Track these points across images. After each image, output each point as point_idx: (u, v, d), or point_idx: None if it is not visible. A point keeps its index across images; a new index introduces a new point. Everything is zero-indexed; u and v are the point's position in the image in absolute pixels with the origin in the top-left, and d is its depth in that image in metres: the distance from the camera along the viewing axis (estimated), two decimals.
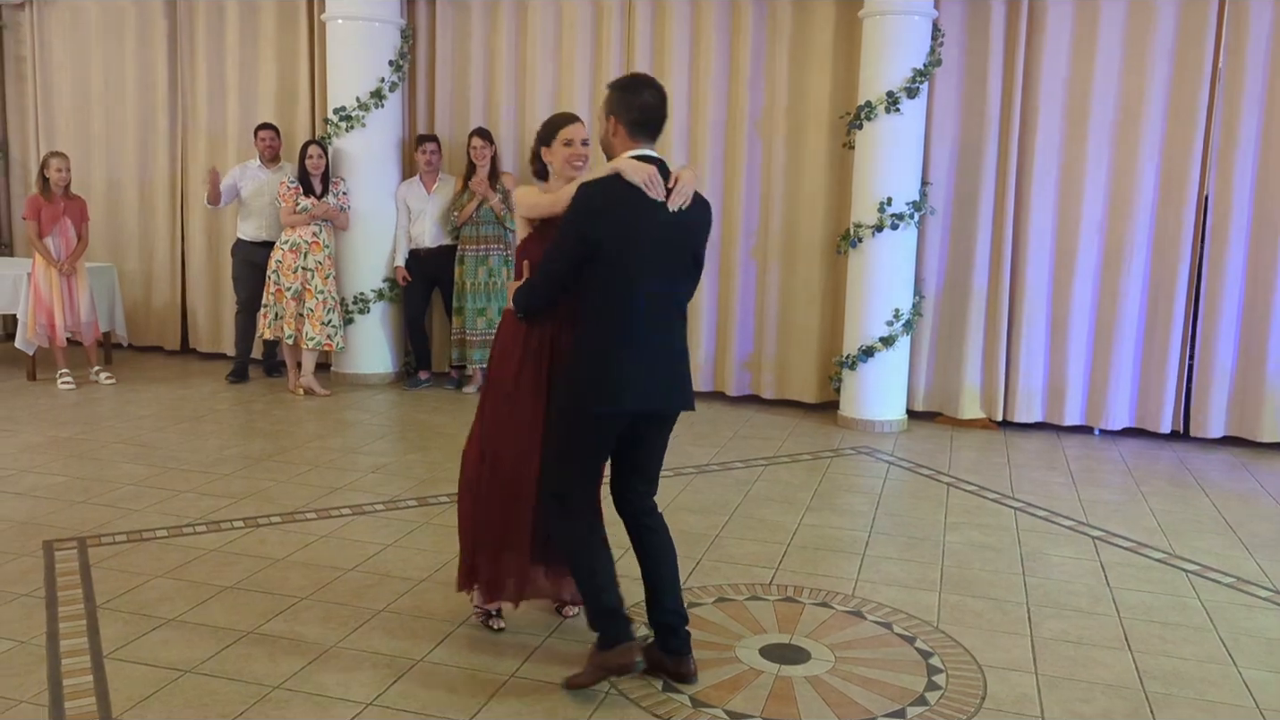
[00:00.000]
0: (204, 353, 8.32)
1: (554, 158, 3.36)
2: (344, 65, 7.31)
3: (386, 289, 7.48)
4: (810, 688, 3.19)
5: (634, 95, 3.06)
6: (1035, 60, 6.44)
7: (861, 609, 3.80)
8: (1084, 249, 6.50)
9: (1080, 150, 6.43)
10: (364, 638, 3.42)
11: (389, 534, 4.42)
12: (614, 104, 3.08)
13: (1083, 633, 3.65)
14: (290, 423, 6.35)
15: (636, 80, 3.13)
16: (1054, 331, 6.63)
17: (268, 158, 7.32)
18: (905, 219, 6.43)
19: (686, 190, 3.06)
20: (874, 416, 6.62)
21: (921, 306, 6.77)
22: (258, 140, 7.31)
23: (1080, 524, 4.89)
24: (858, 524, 4.78)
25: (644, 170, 2.99)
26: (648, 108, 3.06)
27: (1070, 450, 6.29)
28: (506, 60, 7.44)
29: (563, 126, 3.35)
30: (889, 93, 6.30)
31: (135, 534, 4.32)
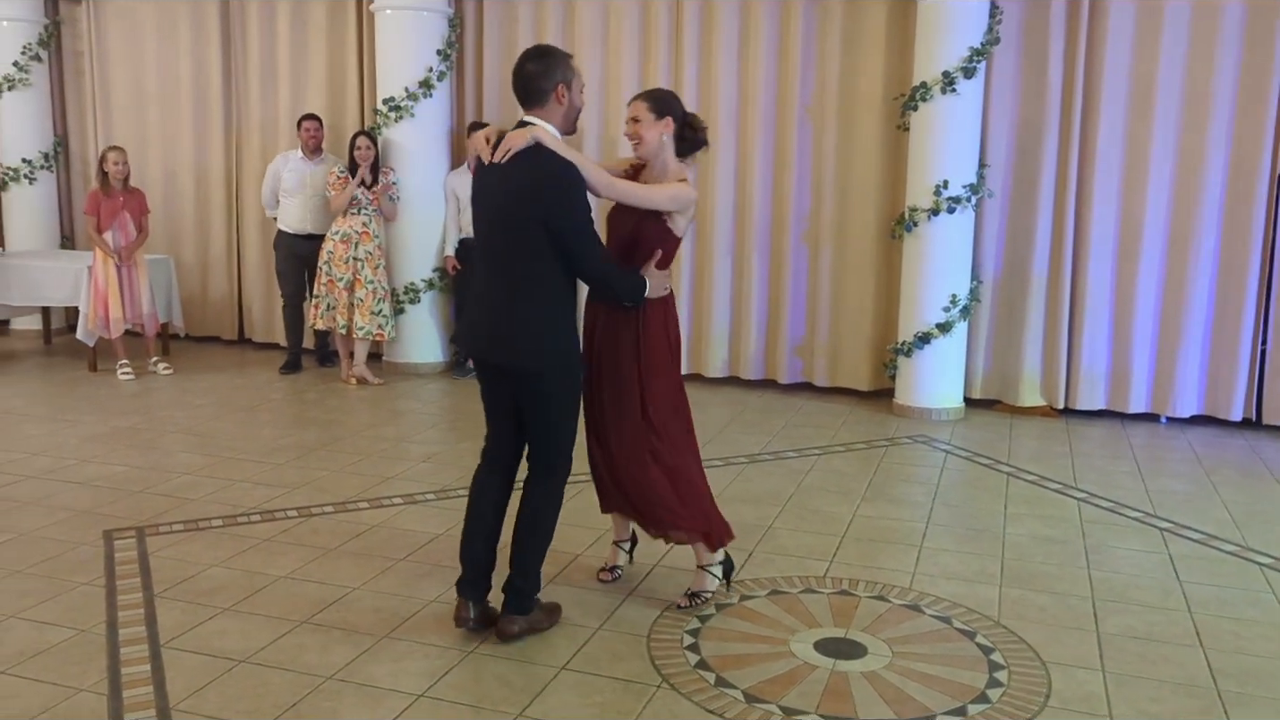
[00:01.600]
0: (259, 343, 8.42)
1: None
2: (392, 55, 7.32)
3: (436, 278, 7.50)
4: (867, 684, 3.11)
5: (515, 70, 3.24)
6: (1098, 37, 6.24)
7: (919, 603, 3.71)
8: (1149, 232, 6.30)
9: (1145, 131, 6.22)
10: (415, 629, 3.41)
11: (440, 523, 4.42)
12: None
13: (1151, 629, 3.53)
14: (343, 412, 6.39)
15: (522, 56, 3.27)
16: (1118, 316, 6.44)
17: (310, 148, 7.34)
18: (962, 202, 6.27)
19: (507, 144, 3.13)
20: (930, 404, 6.49)
21: (979, 291, 6.62)
22: (301, 131, 7.32)
23: (1148, 515, 4.74)
24: (915, 515, 4.68)
25: (479, 134, 3.28)
26: (519, 81, 3.23)
27: (1135, 439, 6.11)
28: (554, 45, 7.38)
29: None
30: (945, 73, 6.14)
31: (192, 523, 4.37)
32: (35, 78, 8.46)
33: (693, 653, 3.29)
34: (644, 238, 3.45)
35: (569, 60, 3.26)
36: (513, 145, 3.12)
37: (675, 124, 3.52)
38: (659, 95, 3.60)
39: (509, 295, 3.20)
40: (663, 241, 3.46)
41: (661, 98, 3.57)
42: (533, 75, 3.19)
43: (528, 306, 3.19)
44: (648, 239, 3.44)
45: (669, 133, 3.51)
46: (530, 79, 3.19)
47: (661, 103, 3.52)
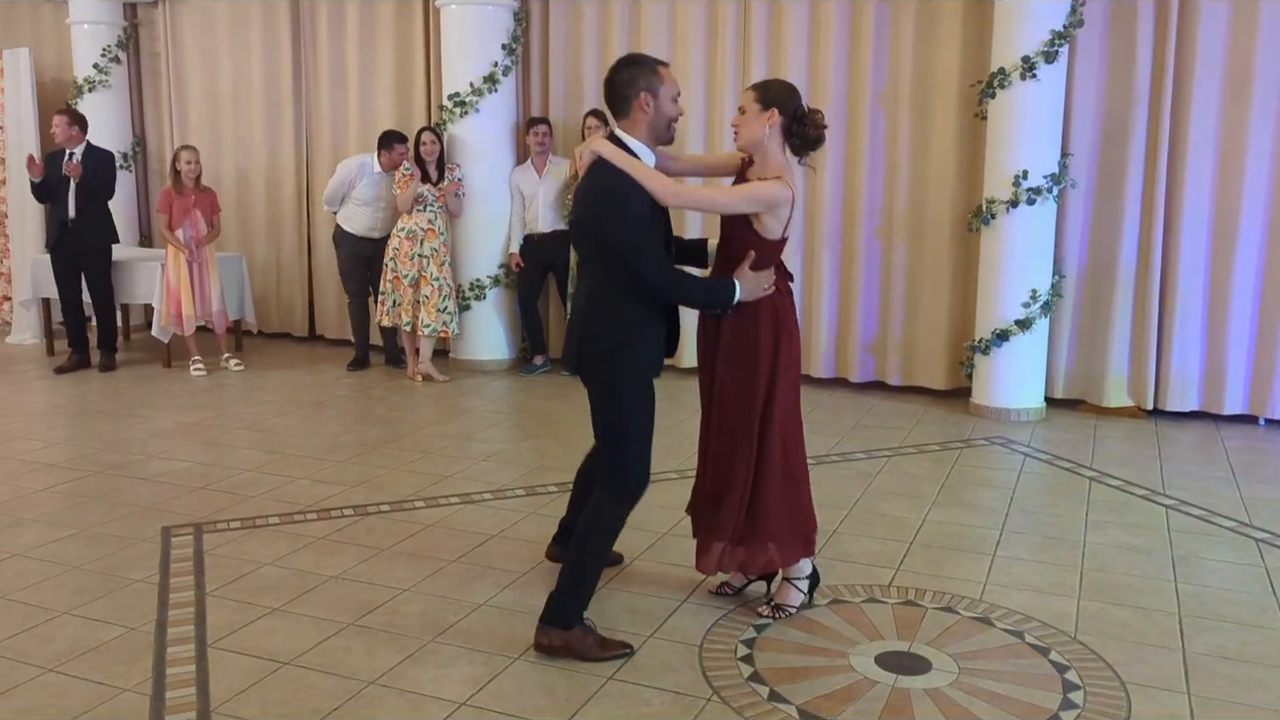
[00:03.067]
0: (330, 339, 8.49)
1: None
2: (458, 50, 7.29)
3: (502, 275, 7.45)
4: (930, 702, 2.93)
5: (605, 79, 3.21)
6: (1190, 18, 5.89)
7: (990, 615, 3.51)
8: (1246, 225, 5.93)
9: (1242, 118, 5.86)
10: (462, 633, 3.33)
11: (494, 524, 4.34)
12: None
13: (1243, 649, 3.28)
14: (406, 409, 6.38)
15: (611, 67, 3.21)
16: (1212, 313, 6.09)
17: (398, 167, 7.27)
18: (1043, 193, 5.99)
19: (582, 164, 3.16)
20: (1009, 404, 6.22)
21: (1061, 287, 6.32)
22: (394, 152, 7.19)
23: (1242, 525, 4.44)
24: (989, 521, 4.46)
25: (581, 149, 3.23)
26: (606, 93, 3.21)
27: (1231, 442, 5.76)
28: (619, 40, 7.29)
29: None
30: (1025, 58, 5.86)
31: (249, 520, 4.36)
32: (114, 79, 8.66)
33: (746, 664, 3.15)
34: (733, 240, 3.32)
35: (657, 68, 3.16)
36: (582, 161, 3.16)
37: (783, 117, 3.30)
38: (770, 86, 3.38)
39: (586, 304, 3.21)
40: (754, 244, 3.28)
41: (771, 88, 3.35)
42: (617, 85, 3.16)
43: (595, 313, 3.17)
44: (737, 241, 3.31)
45: (774, 125, 3.30)
46: (615, 89, 3.17)
47: (770, 93, 3.32)
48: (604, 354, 3.16)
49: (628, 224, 3.06)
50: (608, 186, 3.07)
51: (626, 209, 3.05)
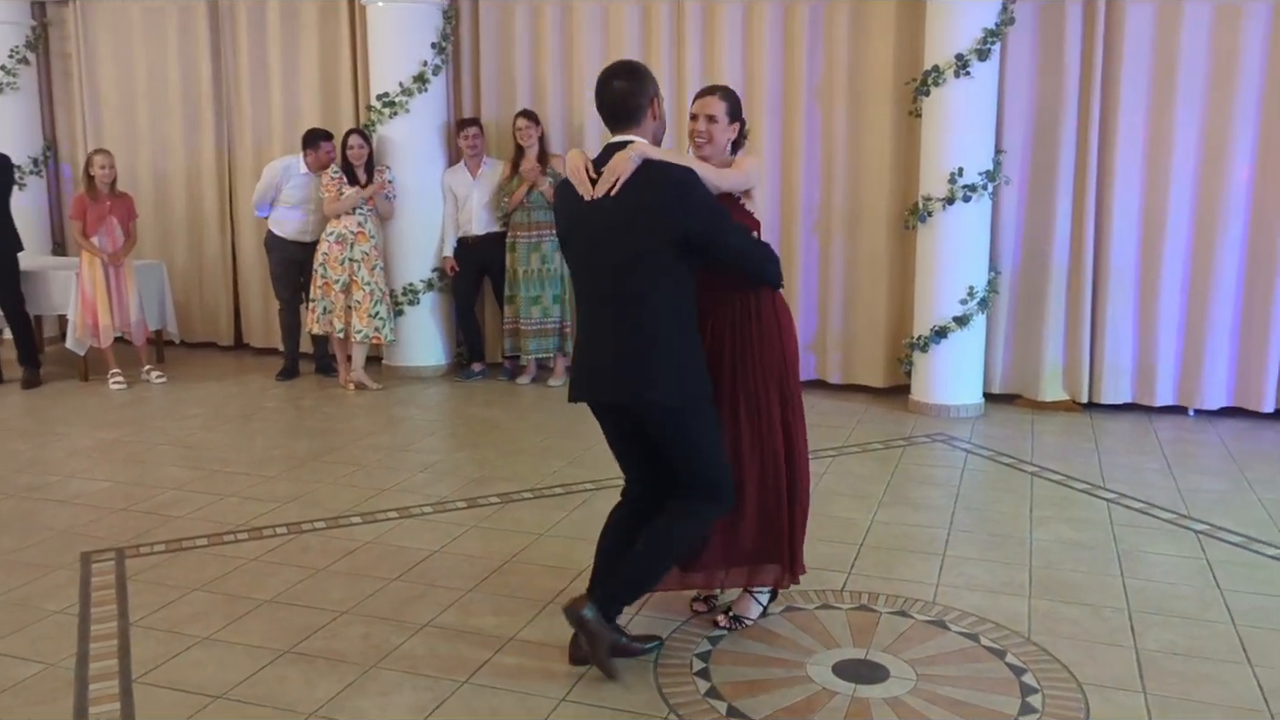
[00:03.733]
0: (257, 348, 8.22)
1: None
2: (386, 49, 7.09)
3: (436, 279, 7.28)
4: (890, 711, 2.88)
5: (600, 89, 3.03)
6: (1117, 15, 5.96)
7: (944, 618, 3.48)
8: (1174, 218, 6.03)
9: (1168, 111, 5.95)
10: (405, 657, 3.19)
11: (435, 539, 4.20)
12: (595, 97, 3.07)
13: (1193, 643, 3.29)
14: (339, 420, 6.18)
15: (607, 72, 3.05)
16: (1143, 306, 6.18)
17: (326, 166, 7.07)
18: (978, 190, 6.02)
19: (613, 173, 2.91)
20: (948, 401, 6.24)
21: (997, 283, 6.36)
22: (320, 151, 7.01)
23: (1181, 517, 4.49)
24: (936, 520, 4.44)
25: (573, 163, 3.03)
26: (610, 100, 3.01)
27: (1163, 433, 5.85)
28: (552, 38, 7.17)
29: (696, 99, 3.31)
30: (958, 55, 5.88)
31: (175, 543, 4.16)
32: (23, 81, 8.28)
33: (703, 679, 3.06)
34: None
35: (650, 73, 3.08)
36: (621, 173, 2.89)
37: (740, 128, 3.32)
38: (734, 96, 3.32)
39: (627, 333, 2.97)
40: (749, 225, 3.25)
41: (736, 99, 3.32)
42: (625, 94, 2.98)
43: (651, 338, 2.96)
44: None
45: (733, 137, 3.30)
46: (622, 98, 2.98)
47: (737, 105, 3.29)
48: (672, 396, 2.97)
49: (708, 205, 2.97)
50: (678, 177, 2.91)
51: (702, 191, 2.95)
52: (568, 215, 3.09)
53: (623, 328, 2.97)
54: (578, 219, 3.02)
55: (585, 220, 2.99)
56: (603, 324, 3.01)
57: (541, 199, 6.83)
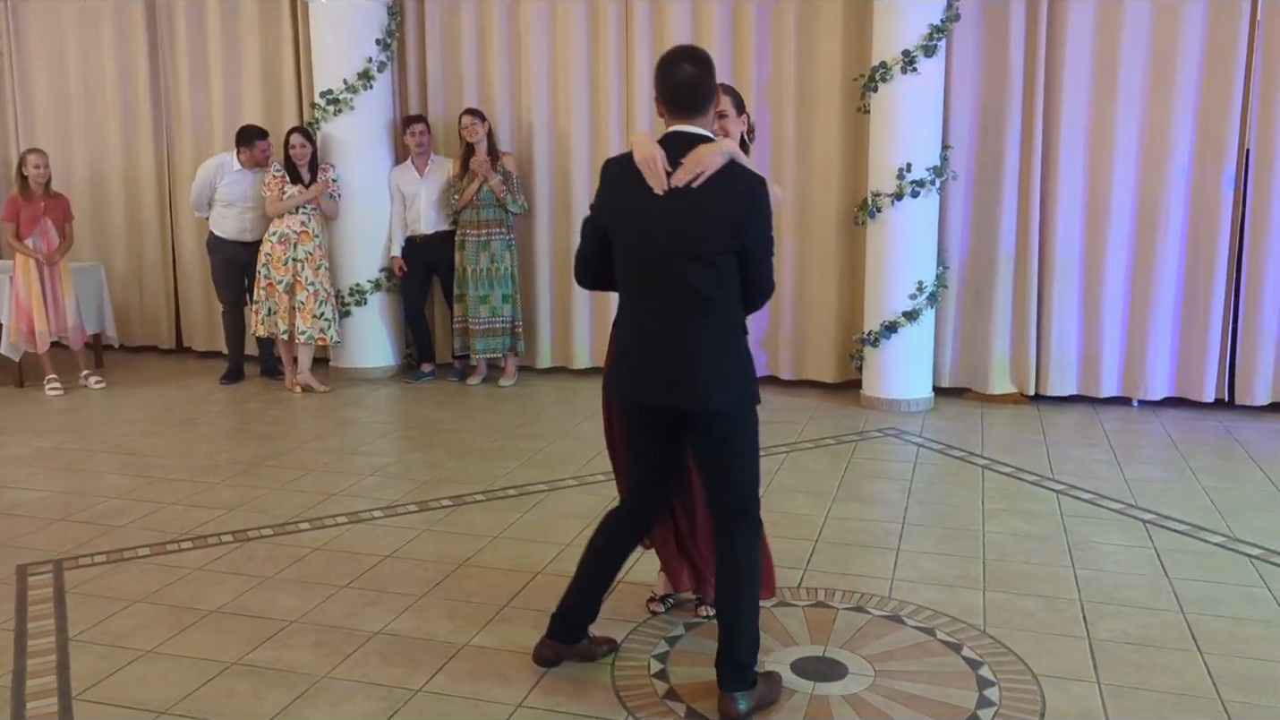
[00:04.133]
0: (200, 351, 8.05)
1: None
2: (329, 46, 6.98)
3: (383, 279, 7.17)
4: (850, 709, 2.87)
5: (667, 71, 2.81)
6: (1060, 11, 6.05)
7: (900, 612, 3.48)
8: (1117, 211, 6.13)
9: (1110, 106, 6.05)
10: (358, 665, 3.12)
11: (386, 544, 4.12)
12: (655, 81, 2.86)
13: (1145, 632, 3.33)
14: (286, 424, 6.06)
15: (674, 55, 2.86)
16: (1087, 298, 6.27)
17: (263, 164, 6.95)
18: (926, 186, 6.06)
19: (694, 168, 2.72)
20: (899, 395, 6.28)
21: (946, 278, 6.41)
22: (255, 150, 6.90)
23: (1129, 506, 4.55)
24: (890, 515, 4.46)
25: (646, 150, 2.77)
26: (680, 85, 2.79)
27: (1109, 424, 5.94)
28: (499, 35, 7.09)
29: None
30: (905, 52, 5.92)
31: (115, 553, 4.03)
32: None
33: (661, 680, 3.03)
34: None
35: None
36: (707, 167, 2.71)
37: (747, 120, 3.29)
38: (733, 89, 3.28)
39: (696, 335, 2.78)
40: None
41: (737, 91, 3.27)
42: (697, 80, 2.78)
43: (717, 341, 2.79)
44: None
45: (744, 129, 3.24)
46: (694, 84, 2.77)
47: (739, 97, 3.24)
48: (733, 403, 2.83)
49: (768, 224, 2.82)
50: (755, 185, 2.76)
51: (767, 208, 2.81)
52: (623, 198, 2.81)
53: (689, 328, 2.77)
54: (649, 211, 2.75)
55: (651, 208, 2.75)
56: (660, 321, 2.80)
57: (491, 196, 6.75)
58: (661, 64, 2.84)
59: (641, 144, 2.80)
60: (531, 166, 7.12)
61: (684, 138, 2.79)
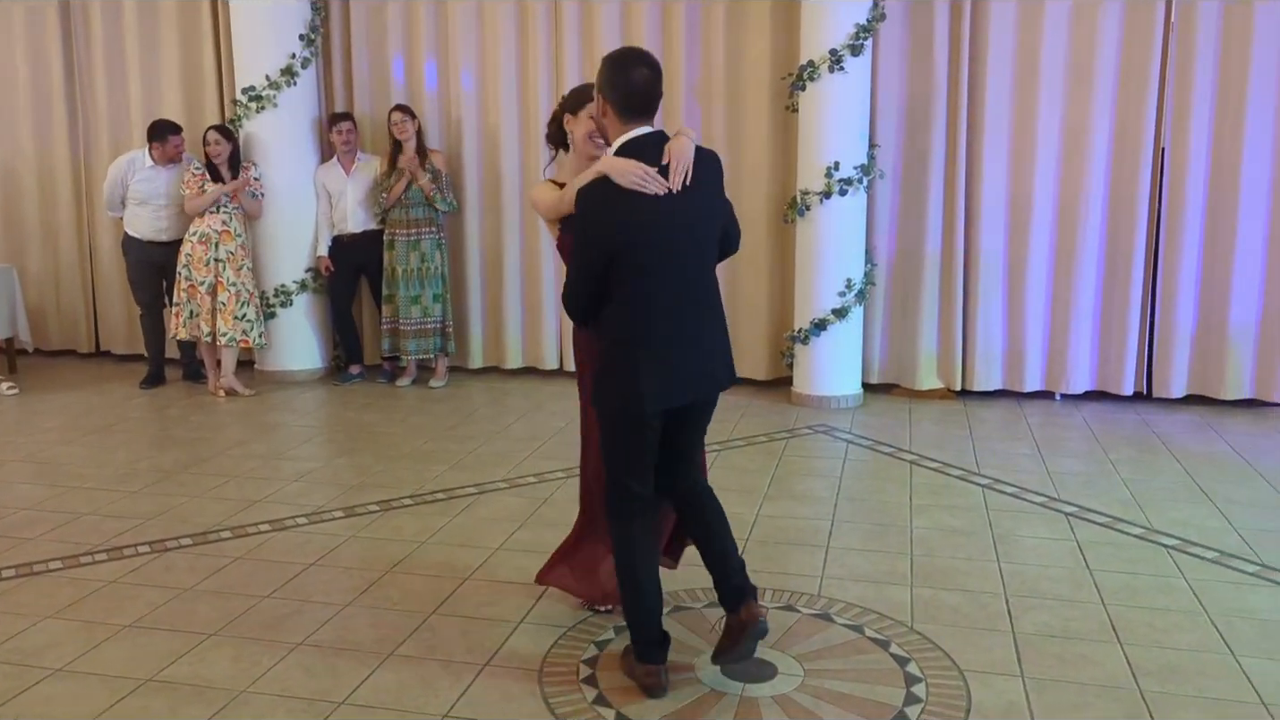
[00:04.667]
0: (120, 355, 7.81)
1: (576, 128, 3.21)
2: (251, 42, 6.82)
3: (309, 279, 7.03)
4: (778, 709, 2.88)
5: (623, 73, 2.82)
6: (983, 12, 6.14)
7: (830, 610, 3.50)
8: (1038, 209, 6.25)
9: (1031, 106, 6.16)
10: (278, 678, 3.04)
11: (311, 552, 4.03)
12: (602, 81, 2.85)
13: (1067, 625, 3.39)
14: (209, 429, 5.90)
15: (626, 56, 2.88)
16: (1011, 295, 6.38)
17: (175, 160, 6.75)
18: (854, 184, 6.12)
19: (684, 161, 2.79)
20: (829, 392, 6.33)
21: (874, 275, 6.48)
22: (167, 145, 6.70)
23: (1052, 499, 4.64)
24: (819, 512, 4.49)
25: (631, 170, 2.75)
26: (637, 88, 2.82)
27: (1032, 418, 6.06)
28: (427, 31, 6.99)
29: (591, 100, 3.10)
30: (832, 50, 5.96)
31: (25, 567, 3.89)
32: None
33: (590, 686, 3.00)
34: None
35: None
36: (688, 161, 2.79)
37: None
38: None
39: (712, 324, 2.95)
40: None
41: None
42: (652, 83, 2.83)
43: (722, 323, 3.01)
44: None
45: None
46: (650, 88, 2.83)
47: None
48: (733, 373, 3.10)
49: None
50: (711, 154, 2.91)
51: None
52: (629, 215, 2.76)
53: (712, 319, 2.94)
54: (658, 217, 2.77)
55: (668, 216, 2.78)
56: (689, 320, 2.87)
57: (419, 195, 6.66)
58: (615, 66, 2.84)
59: (618, 167, 2.76)
60: (460, 164, 7.03)
61: (648, 139, 2.82)
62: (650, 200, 2.75)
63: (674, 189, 2.77)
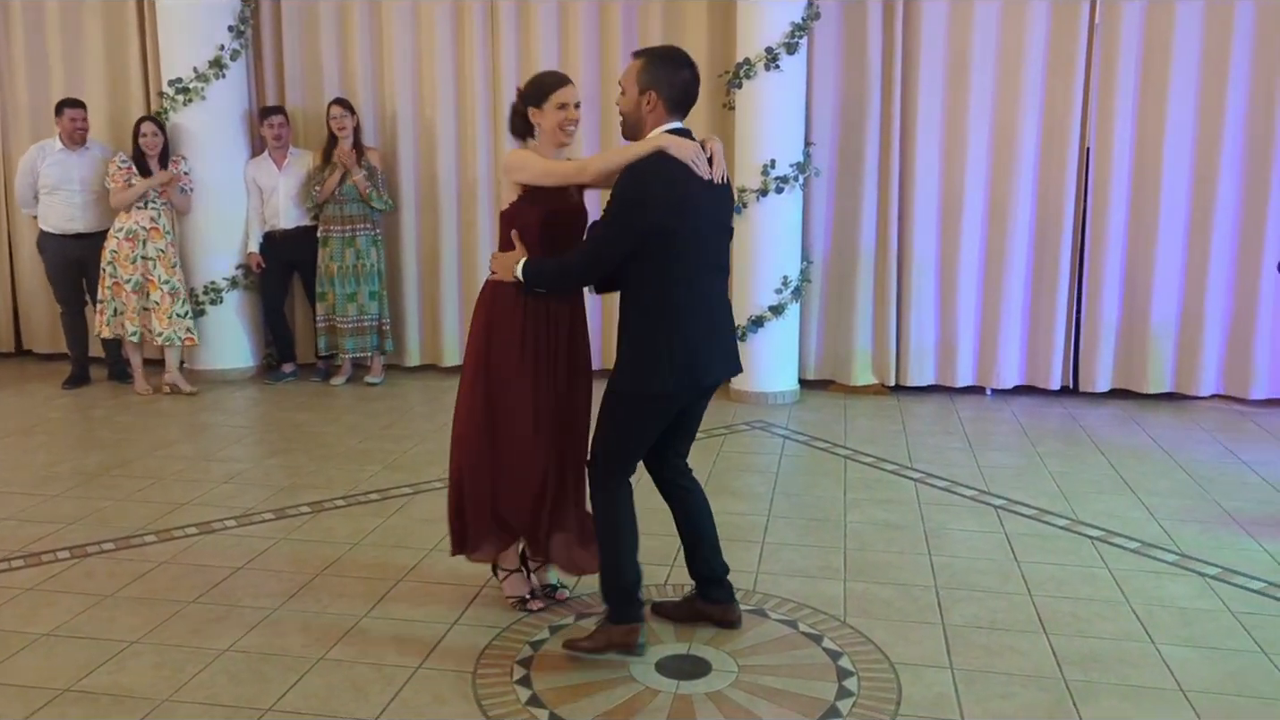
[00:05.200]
0: (41, 354, 7.58)
1: (545, 120, 3.24)
2: (178, 33, 6.65)
3: (240, 276, 6.89)
4: (712, 706, 2.88)
5: (676, 71, 3.01)
6: (915, 12, 6.22)
7: (764, 606, 3.52)
8: (969, 207, 6.35)
9: (962, 106, 6.26)
10: (202, 686, 2.97)
11: (239, 555, 3.95)
12: (654, 77, 3.01)
13: (995, 616, 3.45)
14: (134, 430, 5.76)
15: (676, 56, 3.06)
16: (943, 291, 6.48)
17: (77, 140, 6.58)
18: (790, 182, 6.16)
19: (721, 160, 3.05)
20: (766, 388, 6.37)
21: (810, 272, 6.54)
22: (64, 119, 6.51)
23: (982, 493, 4.72)
24: (756, 508, 4.51)
25: (689, 147, 2.96)
26: (689, 86, 3.04)
27: (964, 412, 6.16)
28: (360, 23, 6.89)
29: (557, 88, 3.23)
30: (768, 49, 6.00)
31: None
32: None
33: (524, 687, 2.98)
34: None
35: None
36: (723, 162, 3.08)
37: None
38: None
39: (729, 309, 3.26)
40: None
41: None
42: (695, 84, 3.06)
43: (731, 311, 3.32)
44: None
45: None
46: (694, 88, 3.06)
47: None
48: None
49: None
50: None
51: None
52: (685, 190, 2.95)
53: (727, 303, 3.23)
54: (700, 204, 3.00)
55: (708, 205, 3.03)
56: (715, 303, 3.12)
57: (354, 191, 6.56)
58: (669, 65, 3.01)
59: (676, 142, 2.95)
60: (396, 160, 6.94)
61: (685, 134, 3.02)
62: (698, 185, 2.96)
63: (716, 180, 3.01)
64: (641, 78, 3.01)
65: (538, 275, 3.15)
